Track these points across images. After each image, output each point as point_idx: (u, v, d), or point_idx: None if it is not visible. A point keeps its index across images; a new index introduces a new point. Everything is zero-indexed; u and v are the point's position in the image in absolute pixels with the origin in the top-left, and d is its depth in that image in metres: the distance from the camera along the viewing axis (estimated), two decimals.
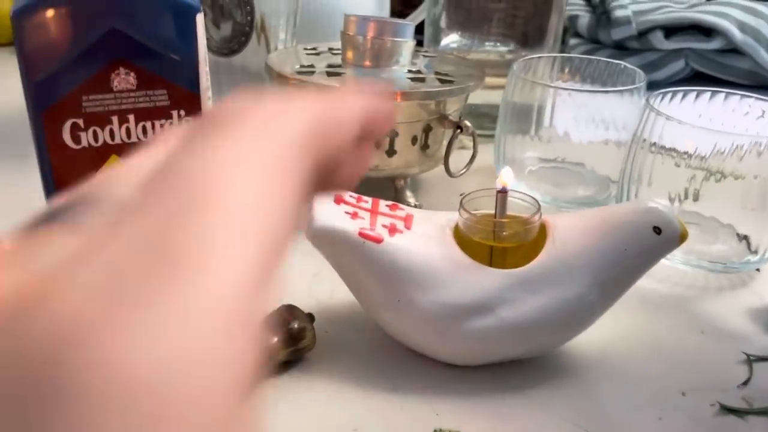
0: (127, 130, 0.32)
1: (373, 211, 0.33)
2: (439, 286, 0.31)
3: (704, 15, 0.73)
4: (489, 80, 0.57)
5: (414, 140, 0.45)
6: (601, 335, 0.35)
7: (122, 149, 0.32)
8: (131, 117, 0.32)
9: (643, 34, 0.75)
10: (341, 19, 0.48)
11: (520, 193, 0.34)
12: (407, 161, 0.46)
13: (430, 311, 0.31)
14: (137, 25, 0.30)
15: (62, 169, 0.32)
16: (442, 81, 0.45)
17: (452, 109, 0.46)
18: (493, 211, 0.33)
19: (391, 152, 0.45)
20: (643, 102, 0.47)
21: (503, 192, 0.33)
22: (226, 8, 0.52)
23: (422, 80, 0.45)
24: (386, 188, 0.49)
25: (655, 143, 0.43)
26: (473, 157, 0.47)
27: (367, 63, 0.46)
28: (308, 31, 0.59)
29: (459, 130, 0.46)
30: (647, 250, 0.31)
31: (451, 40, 0.65)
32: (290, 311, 0.32)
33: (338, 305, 0.37)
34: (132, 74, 0.31)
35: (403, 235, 0.32)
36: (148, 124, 0.32)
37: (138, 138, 0.32)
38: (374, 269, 0.31)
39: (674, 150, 0.43)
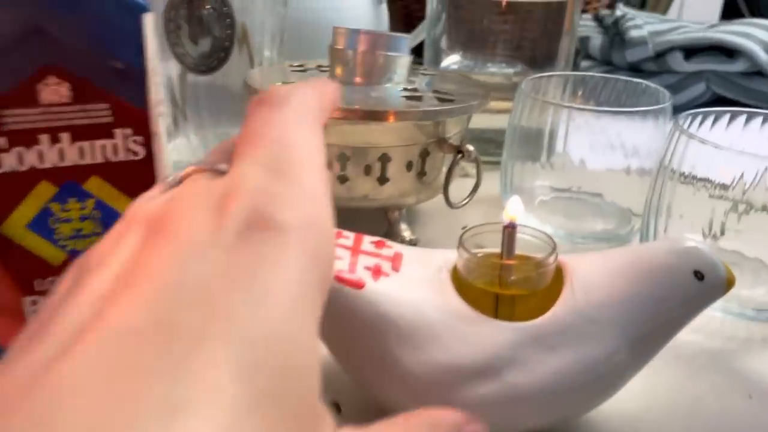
0: (60, 151, 0.27)
1: (355, 250, 0.27)
2: (433, 342, 0.25)
3: (726, 35, 0.68)
4: (494, 104, 0.52)
5: (409, 166, 0.40)
6: (630, 399, 0.29)
7: (54, 174, 0.27)
8: (65, 136, 0.27)
9: (660, 55, 0.70)
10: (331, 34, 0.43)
11: (532, 229, 0.28)
12: (402, 190, 0.41)
13: (422, 373, 0.25)
14: (69, 24, 0.25)
15: None
16: (441, 100, 0.40)
17: (453, 131, 0.41)
18: (498, 250, 0.28)
19: (383, 180, 0.40)
20: (668, 125, 0.41)
21: (511, 227, 0.27)
22: (204, 21, 0.47)
23: (419, 99, 0.40)
24: (378, 220, 0.44)
25: (684, 173, 0.37)
26: (477, 185, 0.42)
27: (358, 80, 0.41)
28: (296, 50, 0.54)
29: (460, 155, 0.40)
30: (687, 300, 0.26)
31: (452, 60, 0.60)
32: None
33: None
34: (65, 84, 0.26)
35: (390, 279, 0.26)
36: (86, 145, 0.27)
37: (73, 161, 0.27)
38: (354, 321, 0.26)
39: (708, 180, 0.38)
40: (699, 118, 0.40)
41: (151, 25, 0.27)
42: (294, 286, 0.14)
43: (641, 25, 0.72)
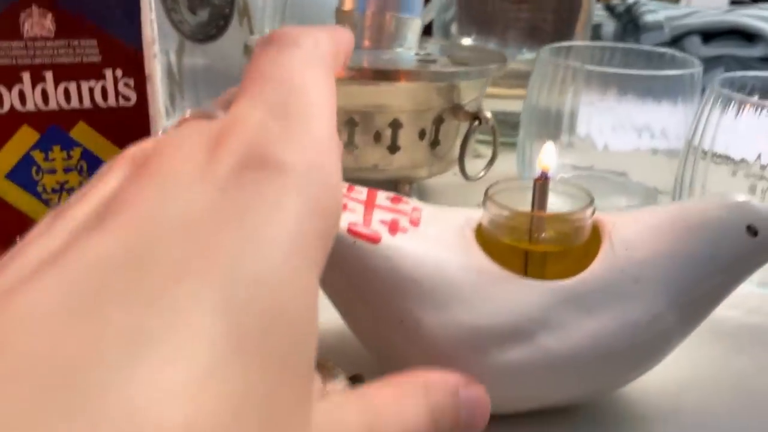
0: (44, 92, 0.24)
1: (369, 204, 0.25)
2: (458, 302, 0.22)
3: (745, 18, 0.65)
4: (507, 90, 0.50)
5: (422, 134, 0.37)
6: (669, 375, 0.27)
7: (37, 119, 0.25)
8: (48, 75, 0.24)
9: (677, 40, 0.67)
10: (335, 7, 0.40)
11: (567, 183, 0.25)
12: (413, 160, 0.38)
13: (445, 336, 0.22)
14: None
15: None
16: (457, 64, 0.37)
17: (468, 97, 0.38)
18: (527, 210, 0.25)
19: (394, 148, 0.37)
20: (697, 99, 0.39)
21: (543, 178, 0.24)
22: None
23: (433, 62, 0.37)
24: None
25: (717, 153, 0.35)
26: (493, 157, 0.39)
27: (367, 43, 0.39)
28: (300, 15, 0.51)
29: (477, 123, 0.38)
30: (740, 258, 0.23)
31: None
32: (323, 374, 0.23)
33: None
34: (49, 16, 0.23)
35: (408, 234, 0.24)
36: (72, 86, 0.25)
37: (58, 104, 0.25)
38: (369, 279, 0.23)
39: (744, 160, 0.35)
40: (727, 90, 0.37)
41: None
42: (291, 231, 0.13)
43: (656, 10, 0.70)
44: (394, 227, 0.24)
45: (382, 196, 0.25)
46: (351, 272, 0.23)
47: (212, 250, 0.12)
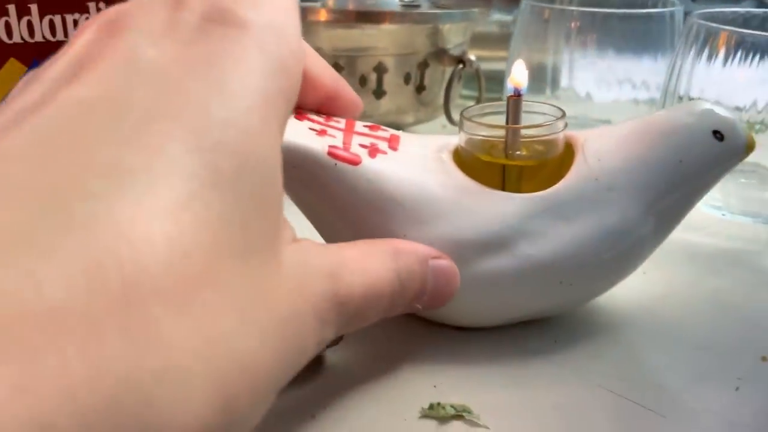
0: (29, 24, 0.25)
1: (348, 130, 0.25)
2: (439, 217, 0.23)
3: None
4: (492, 52, 0.51)
5: (407, 79, 0.38)
6: (643, 290, 0.28)
7: (22, 51, 0.25)
8: (33, 7, 0.25)
9: None
10: None
11: (540, 103, 0.26)
12: (399, 106, 0.39)
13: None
14: None
15: None
16: (440, 8, 0.38)
17: (453, 41, 0.39)
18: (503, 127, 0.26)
19: (379, 93, 0.38)
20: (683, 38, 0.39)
21: (516, 95, 0.25)
22: None
23: (416, 6, 0.38)
24: None
25: (693, 98, 0.35)
26: (479, 99, 0.40)
27: None
28: None
29: (461, 66, 0.38)
30: (708, 162, 0.24)
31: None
32: None
33: None
34: None
35: (388, 157, 0.24)
36: (57, 19, 0.25)
37: (44, 37, 0.25)
38: (352, 201, 0.23)
39: (719, 103, 0.36)
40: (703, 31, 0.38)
41: None
42: (255, 84, 0.13)
43: None
44: (373, 151, 0.24)
45: (360, 125, 0.26)
46: (333, 194, 0.23)
47: (183, 96, 0.12)
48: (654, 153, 0.23)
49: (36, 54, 0.25)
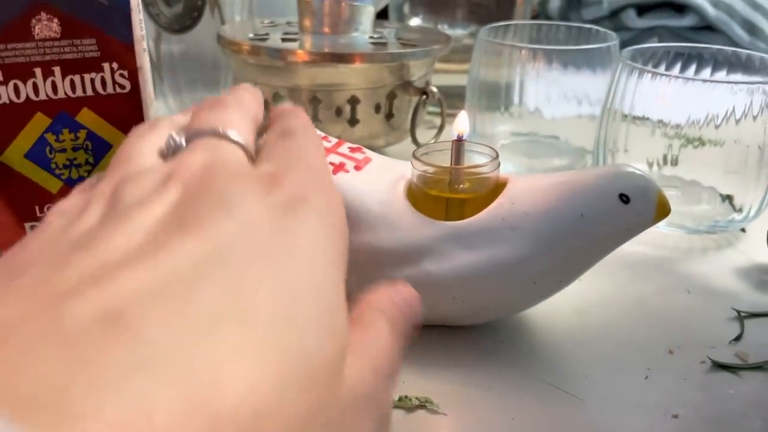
0: (53, 84, 0.29)
1: (331, 150, 0.31)
2: (369, 229, 0.28)
3: None
4: (453, 66, 0.55)
5: (377, 108, 0.43)
6: (580, 297, 0.33)
7: (48, 106, 0.29)
8: (57, 69, 0.29)
9: (615, 13, 0.73)
10: None
11: (479, 144, 0.31)
12: (371, 132, 0.43)
13: (358, 253, 0.27)
14: None
15: None
16: (405, 46, 0.43)
17: (417, 74, 0.44)
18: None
19: (353, 121, 0.42)
20: (617, 66, 0.45)
21: (459, 140, 0.29)
22: None
23: (384, 45, 0.42)
24: None
25: (627, 114, 0.41)
26: (442, 126, 0.45)
27: (326, 29, 0.44)
28: (267, 9, 0.56)
29: (425, 97, 0.43)
30: (609, 222, 0.26)
31: (415, 24, 0.63)
32: None
33: None
34: (55, 20, 0.28)
35: (348, 175, 0.30)
36: (77, 78, 0.29)
37: (65, 93, 0.29)
38: None
39: (649, 119, 0.41)
40: (640, 58, 0.43)
41: None
42: (323, 249, 0.17)
43: None
44: (338, 168, 0.30)
45: (346, 146, 0.32)
46: None
47: (270, 258, 0.15)
48: (559, 205, 0.27)
49: (59, 108, 0.29)
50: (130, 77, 0.30)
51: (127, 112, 0.31)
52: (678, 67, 0.45)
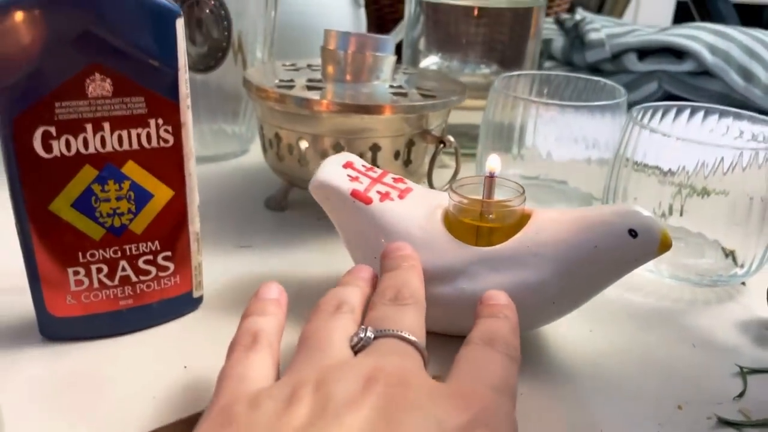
0: (102, 138, 0.31)
1: (376, 179, 0.35)
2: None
3: (676, 38, 0.74)
4: (468, 102, 0.57)
5: (396, 155, 0.45)
6: (593, 347, 0.35)
7: (96, 159, 0.31)
8: (106, 125, 0.31)
9: (616, 56, 0.76)
10: (317, 36, 0.47)
11: (508, 180, 0.34)
12: None
13: None
14: (114, 28, 0.29)
15: (31, 179, 0.30)
16: (424, 96, 0.45)
17: (434, 124, 0.46)
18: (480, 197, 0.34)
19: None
20: (623, 118, 0.47)
21: (491, 176, 0.34)
22: (204, 24, 0.51)
23: (404, 95, 0.44)
24: None
25: (637, 162, 0.42)
26: (456, 172, 0.47)
27: (348, 78, 0.46)
28: (284, 48, 0.58)
29: (442, 145, 0.45)
30: (619, 252, 0.31)
31: (431, 61, 0.65)
32: None
33: None
34: (108, 80, 0.30)
35: (393, 203, 0.34)
36: (124, 133, 0.31)
37: (113, 147, 0.31)
38: (359, 226, 0.34)
39: (657, 168, 0.43)
40: (650, 112, 0.45)
41: (182, 28, 0.31)
42: None
43: (599, 28, 0.78)
44: (384, 196, 0.34)
45: (389, 176, 0.36)
46: (351, 220, 0.34)
47: None
48: (576, 236, 0.31)
49: (106, 161, 0.31)
50: (173, 132, 0.32)
51: (169, 164, 0.33)
52: (686, 113, 0.46)
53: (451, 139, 0.45)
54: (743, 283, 0.42)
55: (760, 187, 0.40)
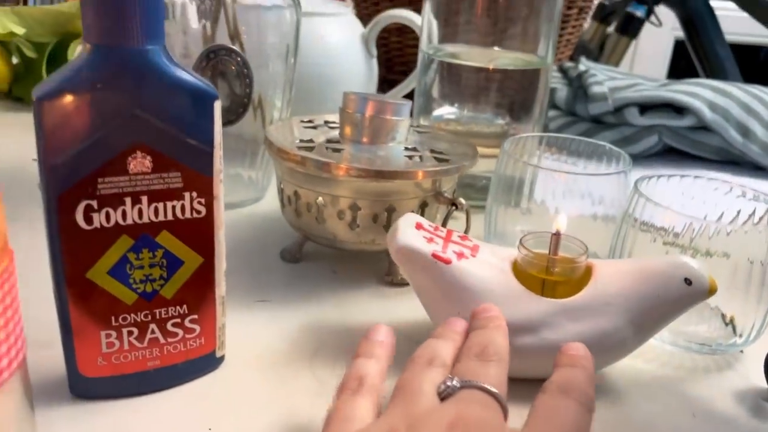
0: (140, 210, 0.32)
1: (446, 239, 0.38)
2: (496, 305, 0.35)
3: (676, 95, 0.77)
4: (480, 149, 0.59)
5: None
6: (598, 414, 0.36)
7: (132, 229, 0.33)
8: (144, 198, 0.32)
9: (618, 109, 0.78)
10: (333, 87, 0.49)
11: (573, 237, 0.38)
12: None
13: None
14: (157, 110, 0.31)
15: (71, 248, 0.32)
16: (438, 159, 0.46)
17: (447, 186, 0.47)
18: (546, 251, 0.38)
19: (388, 227, 0.46)
20: (630, 181, 0.49)
21: (557, 235, 0.38)
22: (227, 79, 0.53)
23: (420, 159, 0.46)
24: (380, 260, 0.50)
25: (643, 222, 0.44)
26: (467, 231, 0.48)
27: (365, 140, 0.47)
28: (301, 98, 0.60)
29: (454, 207, 0.47)
30: (678, 299, 0.36)
31: (445, 111, 0.67)
32: None
33: None
34: (148, 158, 0.32)
35: (469, 261, 0.37)
36: (160, 205, 0.33)
37: (149, 218, 0.33)
38: (442, 285, 0.37)
39: (662, 229, 0.45)
40: (654, 178, 0.47)
41: (219, 109, 0.33)
42: None
43: (602, 81, 0.80)
44: (461, 255, 0.37)
45: (455, 235, 0.39)
46: (433, 281, 0.37)
47: None
48: (641, 287, 0.36)
49: (142, 231, 0.33)
50: (206, 204, 0.34)
51: (200, 233, 0.34)
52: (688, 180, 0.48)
53: (463, 201, 0.47)
54: (741, 351, 0.44)
55: (761, 251, 0.41)
